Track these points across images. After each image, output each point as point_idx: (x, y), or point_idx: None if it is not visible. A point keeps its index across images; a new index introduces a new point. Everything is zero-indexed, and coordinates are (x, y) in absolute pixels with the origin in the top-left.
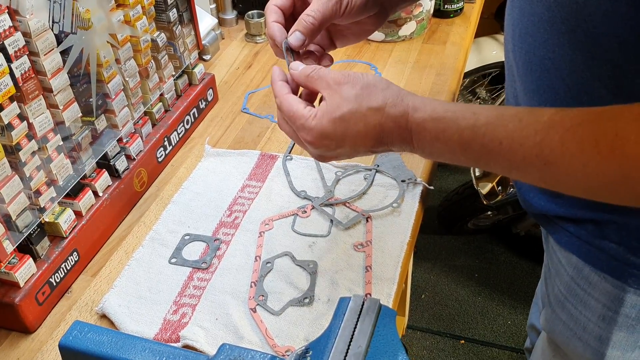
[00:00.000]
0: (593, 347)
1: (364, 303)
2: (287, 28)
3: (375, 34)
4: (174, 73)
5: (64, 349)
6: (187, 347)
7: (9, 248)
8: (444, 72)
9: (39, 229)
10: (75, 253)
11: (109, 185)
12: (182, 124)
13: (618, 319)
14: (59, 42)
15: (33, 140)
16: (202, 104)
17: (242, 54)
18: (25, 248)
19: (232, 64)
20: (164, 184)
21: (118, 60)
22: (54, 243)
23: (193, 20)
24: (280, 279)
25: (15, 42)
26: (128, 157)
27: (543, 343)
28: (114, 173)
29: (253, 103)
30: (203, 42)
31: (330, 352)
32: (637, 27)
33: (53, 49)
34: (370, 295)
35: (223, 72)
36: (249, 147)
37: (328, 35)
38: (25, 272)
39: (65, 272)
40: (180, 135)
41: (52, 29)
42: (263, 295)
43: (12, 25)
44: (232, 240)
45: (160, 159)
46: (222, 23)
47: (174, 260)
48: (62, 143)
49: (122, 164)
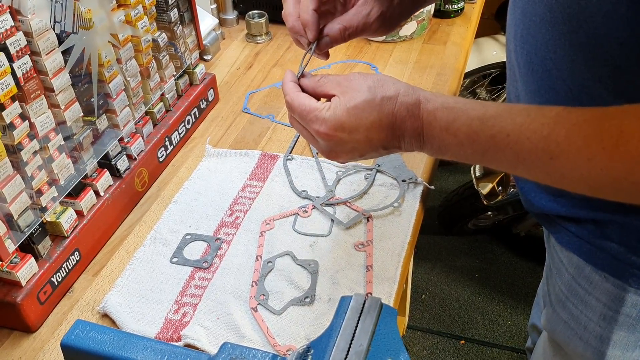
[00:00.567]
0: (594, 346)
1: (365, 302)
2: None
3: None
4: (175, 73)
5: (66, 348)
6: (188, 346)
7: (11, 247)
8: (445, 72)
9: (41, 229)
10: (77, 252)
11: (110, 185)
12: (183, 124)
13: (619, 319)
14: (61, 42)
15: (35, 140)
16: (203, 104)
17: (242, 54)
18: (27, 247)
19: (232, 64)
20: (165, 184)
21: (119, 60)
22: (56, 242)
23: (194, 21)
24: (281, 279)
25: (17, 41)
26: (129, 156)
27: (544, 342)
28: (115, 173)
29: (254, 103)
30: (204, 42)
31: (332, 350)
32: (637, 28)
33: (54, 49)
34: (371, 295)
35: (224, 72)
36: (250, 147)
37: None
38: (27, 271)
39: (67, 271)
40: (181, 135)
41: (53, 29)
42: (264, 295)
43: (13, 25)
44: (233, 240)
45: (162, 159)
46: (222, 23)
47: (175, 260)
48: (63, 143)
49: (123, 164)
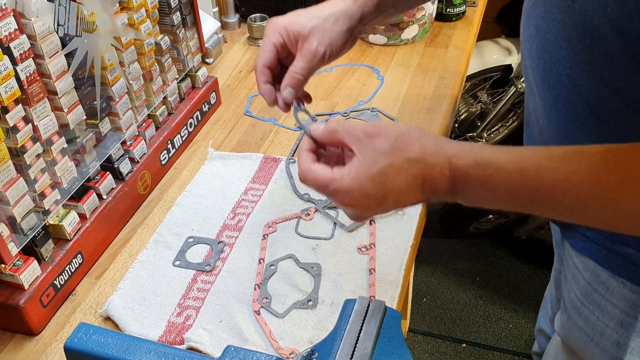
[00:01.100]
0: (610, 353)
1: (370, 305)
2: (278, 78)
3: (378, 38)
4: (178, 76)
5: (69, 351)
6: (191, 349)
7: (14, 250)
8: (447, 75)
9: (44, 232)
10: (80, 255)
11: (113, 188)
12: (185, 127)
13: (637, 325)
14: (64, 44)
15: (38, 143)
16: (205, 107)
17: (244, 57)
18: (30, 250)
19: (234, 67)
20: (168, 187)
21: (122, 63)
22: (58, 245)
23: (196, 24)
24: (284, 282)
25: (21, 44)
26: (132, 159)
27: (556, 348)
28: (118, 176)
29: (256, 106)
30: (206, 45)
31: (336, 354)
32: None
33: (58, 52)
34: (375, 298)
35: (226, 75)
36: (252, 150)
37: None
38: (30, 274)
39: (70, 274)
40: (184, 138)
41: (57, 32)
42: (267, 298)
43: (17, 28)
44: (235, 243)
45: (164, 162)
46: (224, 26)
47: (178, 263)
48: (66, 146)
49: (126, 167)
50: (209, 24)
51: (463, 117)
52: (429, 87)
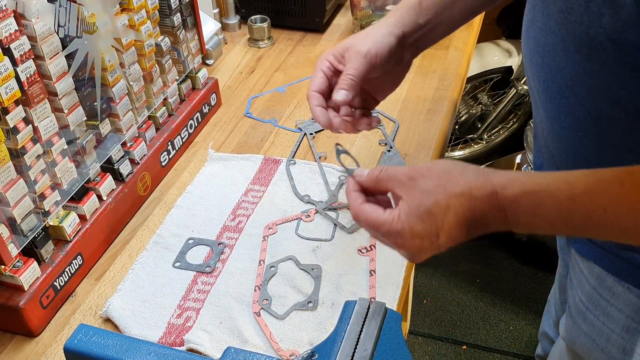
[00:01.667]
0: (616, 358)
1: (370, 306)
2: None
3: None
4: (178, 77)
5: (69, 352)
6: (191, 350)
7: (14, 251)
8: (447, 77)
9: (44, 233)
10: (80, 257)
11: (113, 189)
12: (185, 128)
13: None
14: (64, 46)
15: (38, 144)
16: (205, 109)
17: (245, 59)
18: (30, 252)
19: (235, 69)
20: (168, 188)
21: (122, 65)
22: (58, 247)
23: (197, 25)
24: (284, 283)
25: (21, 45)
26: (132, 161)
27: (561, 352)
28: (118, 177)
29: (256, 107)
30: (206, 46)
31: (337, 355)
32: None
33: (58, 53)
34: (375, 300)
35: (226, 76)
36: (252, 151)
37: (369, 94)
38: (30, 275)
39: (70, 275)
40: (184, 140)
41: (57, 33)
42: (267, 299)
43: (17, 29)
44: (236, 245)
45: (164, 163)
46: (225, 28)
47: (178, 264)
48: (66, 147)
49: (126, 168)
50: (210, 26)
51: (463, 118)
52: (429, 88)
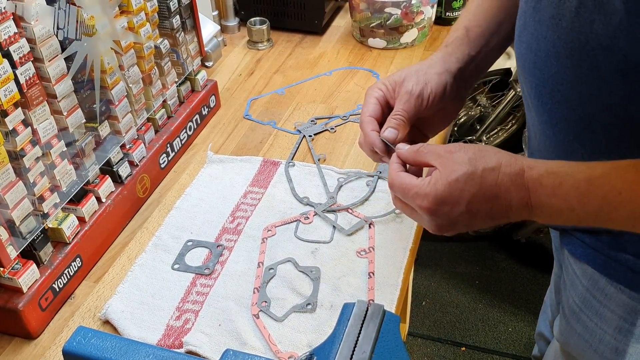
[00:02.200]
0: (609, 359)
1: (368, 309)
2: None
3: (377, 41)
4: (177, 79)
5: (68, 355)
6: (190, 352)
7: (13, 254)
8: None
9: (43, 235)
10: (79, 259)
11: (112, 191)
12: (184, 131)
13: (635, 331)
14: (64, 48)
15: (37, 146)
16: (204, 111)
17: (244, 61)
18: (29, 254)
19: (234, 71)
20: (167, 190)
21: (122, 67)
22: (57, 249)
23: (196, 27)
24: (283, 285)
25: (20, 48)
26: (131, 163)
27: (555, 353)
28: (117, 179)
29: (255, 110)
30: (205, 48)
31: (335, 357)
32: (637, 60)
33: (57, 55)
34: (374, 302)
35: (225, 78)
36: (252, 153)
37: (419, 130)
38: (29, 277)
39: (68, 277)
40: (183, 142)
41: (56, 36)
42: (266, 302)
43: (17, 32)
44: (234, 247)
45: (163, 165)
46: (224, 30)
47: (177, 266)
48: (65, 149)
49: (125, 170)
50: (209, 28)
51: (462, 120)
52: None
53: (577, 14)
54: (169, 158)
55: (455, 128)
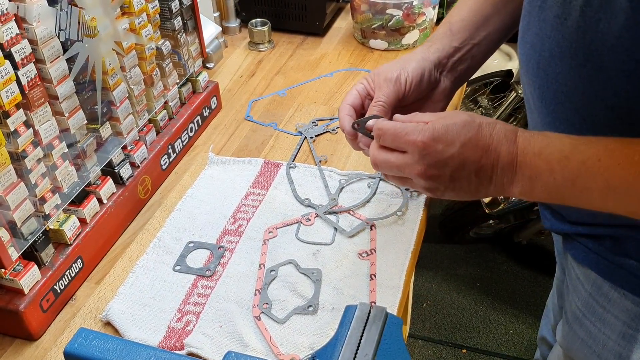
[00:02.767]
0: None
1: (371, 311)
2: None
3: (379, 43)
4: (178, 81)
5: (69, 356)
6: (191, 354)
7: (14, 255)
8: None
9: (44, 236)
10: (80, 260)
11: (114, 193)
12: (186, 132)
13: (639, 337)
14: (65, 49)
15: (39, 147)
16: (205, 112)
17: (245, 62)
18: (30, 255)
19: (235, 72)
20: (168, 192)
21: (123, 68)
22: (59, 250)
23: (197, 28)
24: (285, 287)
25: (22, 49)
26: (132, 164)
27: (558, 358)
28: (119, 180)
29: (256, 111)
30: (207, 50)
31: None
32: None
33: (59, 57)
34: (375, 304)
35: (226, 80)
36: (253, 154)
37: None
38: (30, 279)
39: (70, 279)
40: (184, 143)
41: (58, 37)
42: (267, 303)
43: (19, 33)
44: (236, 248)
45: (164, 167)
46: (225, 31)
47: (178, 268)
48: (67, 150)
49: (126, 172)
50: (210, 29)
51: None
52: None
53: (582, 13)
54: (170, 159)
55: None
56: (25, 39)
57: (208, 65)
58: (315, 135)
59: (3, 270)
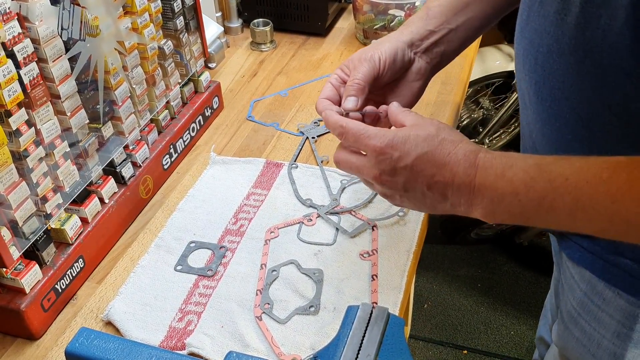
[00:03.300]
0: None
1: (373, 311)
2: None
3: None
4: (180, 81)
5: (70, 356)
6: (192, 354)
7: (15, 254)
8: (449, 81)
9: (45, 236)
10: (81, 260)
11: (115, 192)
12: (187, 132)
13: (633, 336)
14: (67, 48)
15: (40, 147)
16: (207, 112)
17: (247, 62)
18: (32, 254)
19: (237, 72)
20: (170, 191)
21: (125, 68)
22: (60, 249)
23: (199, 28)
24: (286, 287)
25: (24, 48)
26: (134, 164)
27: (554, 357)
28: (120, 180)
29: (258, 111)
30: (209, 50)
31: None
32: None
33: (61, 56)
34: (377, 304)
35: (228, 80)
36: (255, 155)
37: (380, 105)
38: (31, 278)
39: (71, 278)
40: (186, 143)
41: (60, 36)
42: (269, 304)
43: (21, 32)
44: (237, 248)
45: (166, 166)
46: (227, 31)
47: (180, 268)
48: (69, 149)
49: (128, 171)
50: (212, 29)
51: (465, 123)
52: (431, 93)
53: (582, 9)
54: (172, 159)
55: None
56: (28, 38)
57: (210, 65)
58: (317, 136)
59: (4, 270)
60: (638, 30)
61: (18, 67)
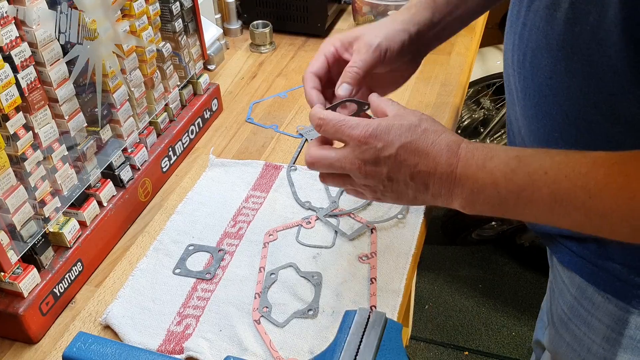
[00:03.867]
0: None
1: (370, 316)
2: (324, 94)
3: None
4: (179, 83)
5: None
6: (191, 358)
7: (14, 258)
8: (449, 82)
9: (44, 239)
10: (80, 263)
11: (114, 195)
12: (186, 134)
13: (622, 341)
14: (65, 52)
15: (38, 150)
16: (206, 114)
17: (246, 64)
18: (30, 258)
19: (236, 74)
20: (168, 194)
21: (123, 71)
22: (58, 253)
23: (198, 31)
24: (285, 291)
25: (22, 52)
26: (133, 167)
27: None
28: (119, 183)
29: (257, 113)
30: (208, 52)
31: None
32: (630, 57)
33: (59, 60)
34: (375, 308)
35: (228, 82)
36: (253, 157)
37: (367, 88)
38: (29, 282)
39: (69, 282)
40: (185, 145)
41: (58, 40)
42: (267, 307)
43: (18, 36)
44: (236, 251)
45: (165, 169)
46: (227, 33)
47: (178, 271)
48: (67, 153)
49: (126, 174)
50: (211, 31)
51: (466, 123)
52: (432, 94)
53: (572, 5)
54: (171, 162)
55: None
56: (25, 42)
57: (209, 67)
58: (317, 138)
59: (2, 274)
60: (627, 28)
61: (15, 71)
